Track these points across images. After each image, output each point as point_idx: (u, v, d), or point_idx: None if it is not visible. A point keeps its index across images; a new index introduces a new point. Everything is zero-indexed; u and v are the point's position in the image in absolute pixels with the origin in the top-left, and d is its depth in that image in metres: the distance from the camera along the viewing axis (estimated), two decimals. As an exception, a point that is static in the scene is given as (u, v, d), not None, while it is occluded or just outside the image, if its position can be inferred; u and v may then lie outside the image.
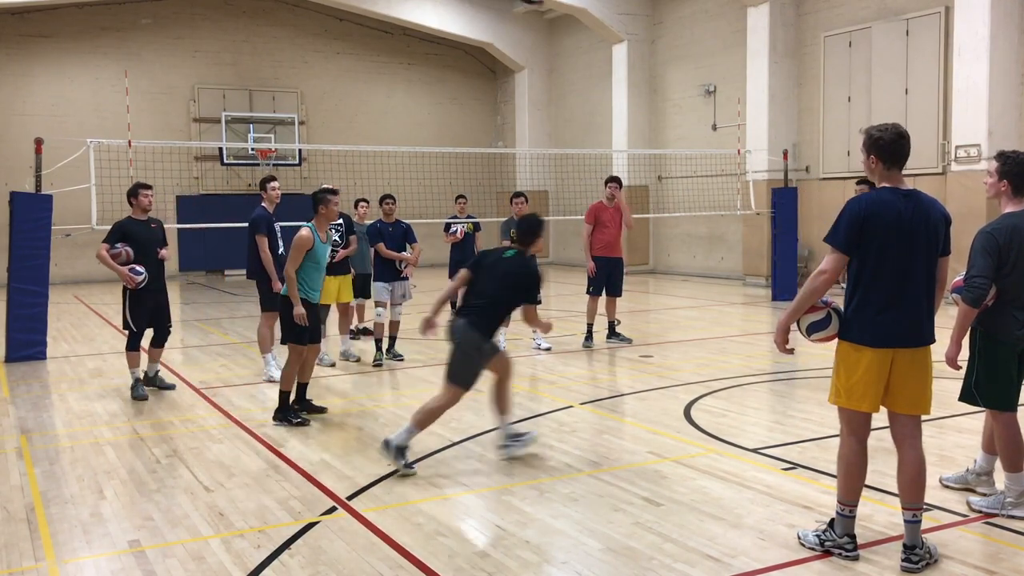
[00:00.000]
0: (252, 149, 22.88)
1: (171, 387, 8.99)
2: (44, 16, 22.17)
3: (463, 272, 6.48)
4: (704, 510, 5.16)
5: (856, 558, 4.42)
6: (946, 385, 7.07)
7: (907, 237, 4.27)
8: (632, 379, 9.23)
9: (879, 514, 5.03)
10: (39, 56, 22.22)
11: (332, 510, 5.31)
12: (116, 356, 11.17)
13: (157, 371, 9.04)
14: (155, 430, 7.36)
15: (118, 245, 8.50)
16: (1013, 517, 4.93)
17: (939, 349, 4.90)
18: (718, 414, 7.54)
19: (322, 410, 7.78)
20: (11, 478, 6.07)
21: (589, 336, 11.14)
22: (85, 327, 13.93)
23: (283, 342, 7.51)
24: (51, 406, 8.41)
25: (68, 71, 22.51)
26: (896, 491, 5.48)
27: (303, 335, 7.41)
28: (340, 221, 10.11)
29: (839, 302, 4.52)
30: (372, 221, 10.61)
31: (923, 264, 4.32)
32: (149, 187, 8.86)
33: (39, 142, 11.44)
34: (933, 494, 5.34)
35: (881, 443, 6.49)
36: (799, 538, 4.63)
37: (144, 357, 8.87)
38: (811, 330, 4.51)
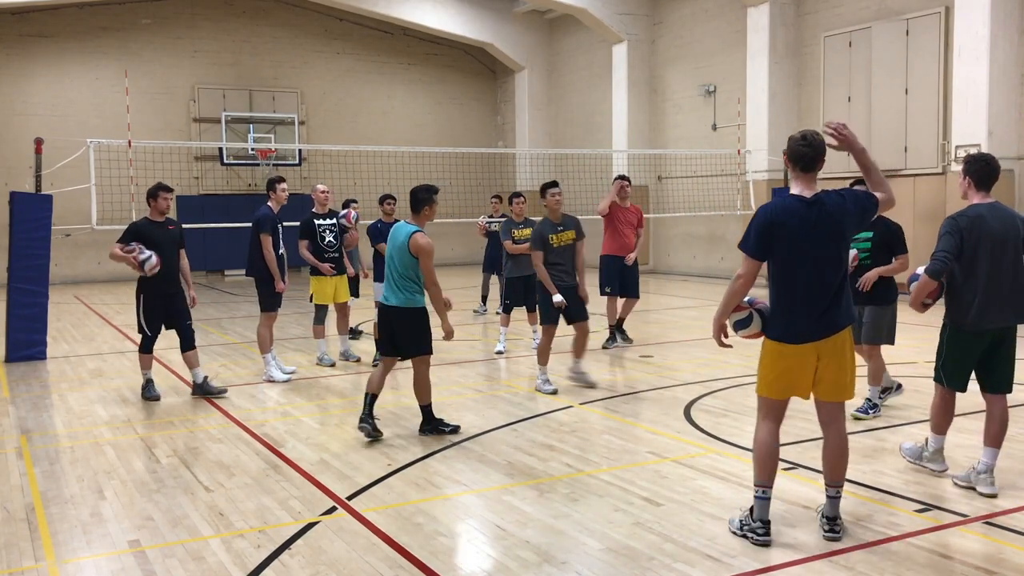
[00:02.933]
0: (252, 149, 22.88)
1: (223, 392, 8.59)
2: (44, 16, 22.16)
3: None
4: (704, 510, 5.16)
5: (768, 544, 4.56)
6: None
7: (812, 242, 4.52)
8: (632, 379, 9.23)
9: (879, 514, 5.03)
10: (39, 56, 22.21)
11: (332, 510, 5.31)
12: (116, 356, 11.18)
13: (205, 377, 8.60)
14: (155, 430, 7.36)
15: (132, 244, 8.20)
16: (925, 468, 5.70)
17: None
18: (718, 414, 7.54)
19: (456, 428, 7.10)
20: (11, 478, 6.07)
21: (613, 337, 10.97)
22: (85, 327, 13.93)
23: (420, 353, 6.94)
24: (51, 406, 8.41)
25: (68, 71, 22.50)
26: (896, 491, 5.48)
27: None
28: (334, 222, 10.15)
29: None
30: (372, 221, 10.62)
31: (831, 265, 4.56)
32: (170, 189, 8.50)
33: (39, 142, 11.44)
34: (933, 493, 5.35)
35: (881, 443, 6.51)
36: (729, 524, 4.81)
37: (147, 360, 8.58)
38: (737, 328, 4.89)
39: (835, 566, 4.35)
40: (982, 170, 5.39)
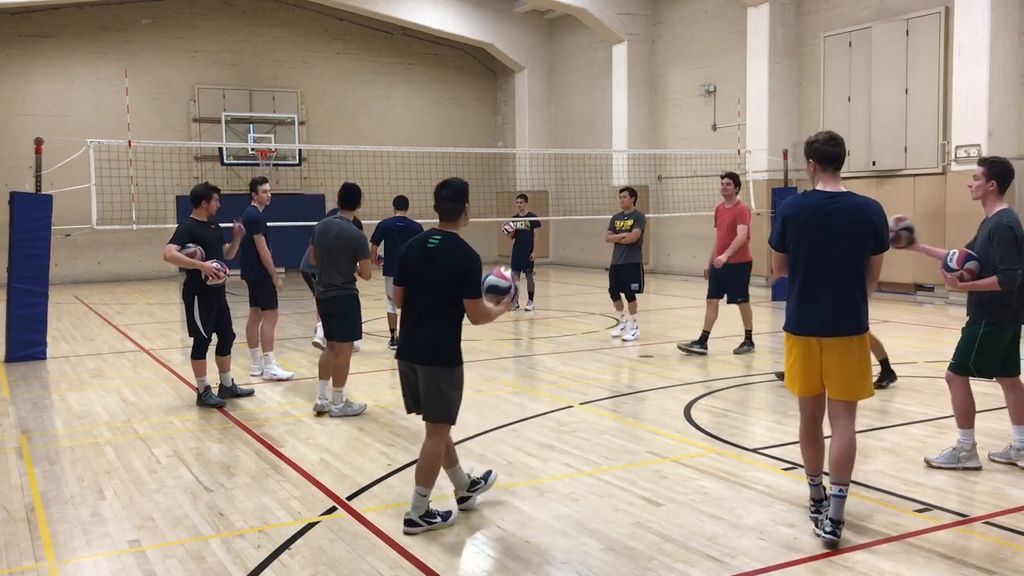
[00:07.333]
0: (252, 149, 22.87)
1: (250, 392, 8.58)
2: (44, 16, 22.16)
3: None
4: (704, 510, 5.16)
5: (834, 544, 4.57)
6: (944, 386, 7.05)
7: (819, 236, 4.65)
8: (632, 379, 9.23)
9: (879, 514, 5.03)
10: (39, 56, 22.21)
11: (332, 510, 5.32)
12: (116, 356, 11.18)
13: (232, 380, 8.51)
14: (155, 430, 7.36)
15: (189, 246, 7.98)
16: (968, 469, 5.71)
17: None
18: (718, 414, 7.54)
19: None
20: (11, 478, 6.07)
21: (702, 342, 10.37)
22: (85, 327, 13.93)
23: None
24: (51, 406, 8.41)
25: (68, 71, 22.50)
26: (896, 491, 5.48)
27: None
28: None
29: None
30: (381, 220, 10.82)
31: (838, 261, 4.65)
32: (218, 190, 8.38)
33: (39, 142, 11.44)
34: (933, 494, 5.35)
35: (880, 443, 6.51)
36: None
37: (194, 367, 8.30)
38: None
39: (835, 566, 4.35)
40: (1007, 174, 5.61)
